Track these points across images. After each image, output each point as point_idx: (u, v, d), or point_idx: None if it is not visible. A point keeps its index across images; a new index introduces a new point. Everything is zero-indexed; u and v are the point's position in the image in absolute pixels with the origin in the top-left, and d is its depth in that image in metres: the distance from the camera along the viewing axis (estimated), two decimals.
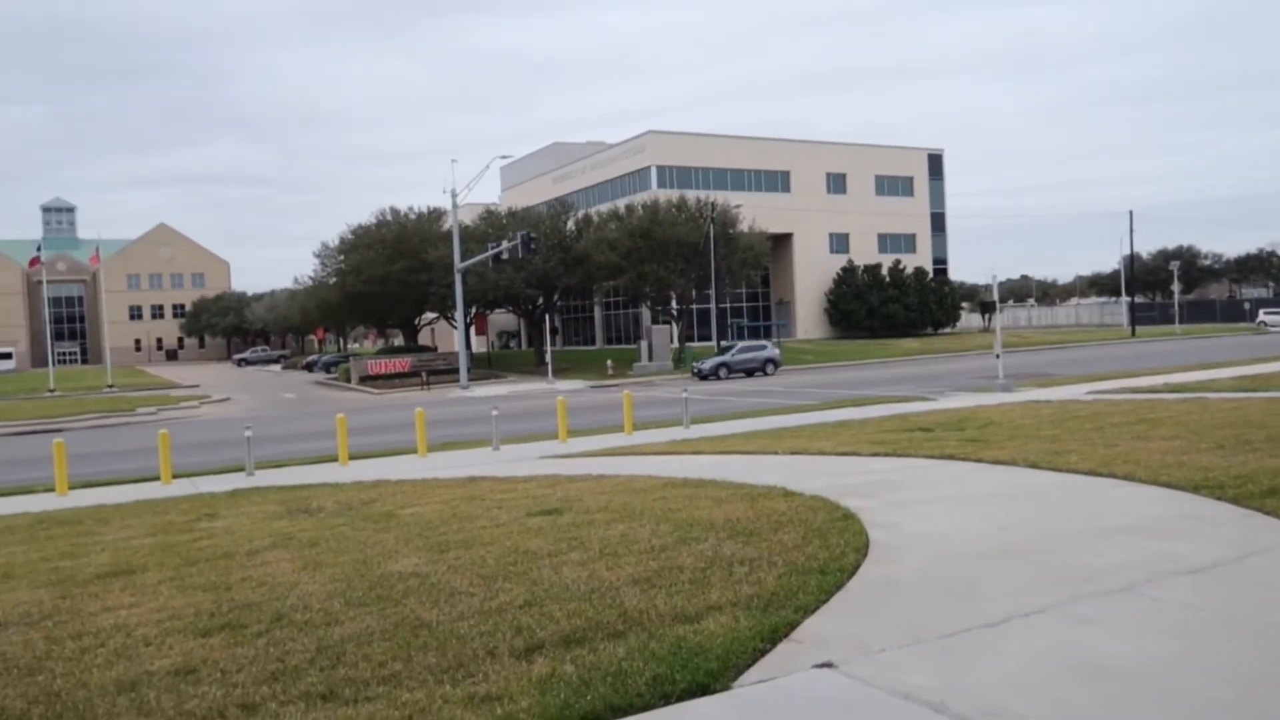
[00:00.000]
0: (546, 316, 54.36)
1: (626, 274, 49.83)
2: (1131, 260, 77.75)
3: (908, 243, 75.74)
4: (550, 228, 53.60)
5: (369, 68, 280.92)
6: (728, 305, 62.22)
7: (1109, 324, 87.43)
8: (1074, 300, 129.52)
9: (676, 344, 53.88)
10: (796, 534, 8.61)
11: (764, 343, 45.67)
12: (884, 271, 69.60)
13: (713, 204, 51.13)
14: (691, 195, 53.53)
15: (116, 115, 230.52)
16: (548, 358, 48.30)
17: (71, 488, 15.87)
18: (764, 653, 5.71)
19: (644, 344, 50.28)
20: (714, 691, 5.21)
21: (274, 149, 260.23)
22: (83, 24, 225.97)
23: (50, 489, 15.94)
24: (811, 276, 70.97)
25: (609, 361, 49.00)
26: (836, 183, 72.94)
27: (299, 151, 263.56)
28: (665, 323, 54.39)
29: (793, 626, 6.12)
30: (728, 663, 5.51)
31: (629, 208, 53.16)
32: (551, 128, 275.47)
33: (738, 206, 53.52)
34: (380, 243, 55.46)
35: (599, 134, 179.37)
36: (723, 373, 42.06)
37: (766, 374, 42.60)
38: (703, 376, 41.93)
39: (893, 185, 75.43)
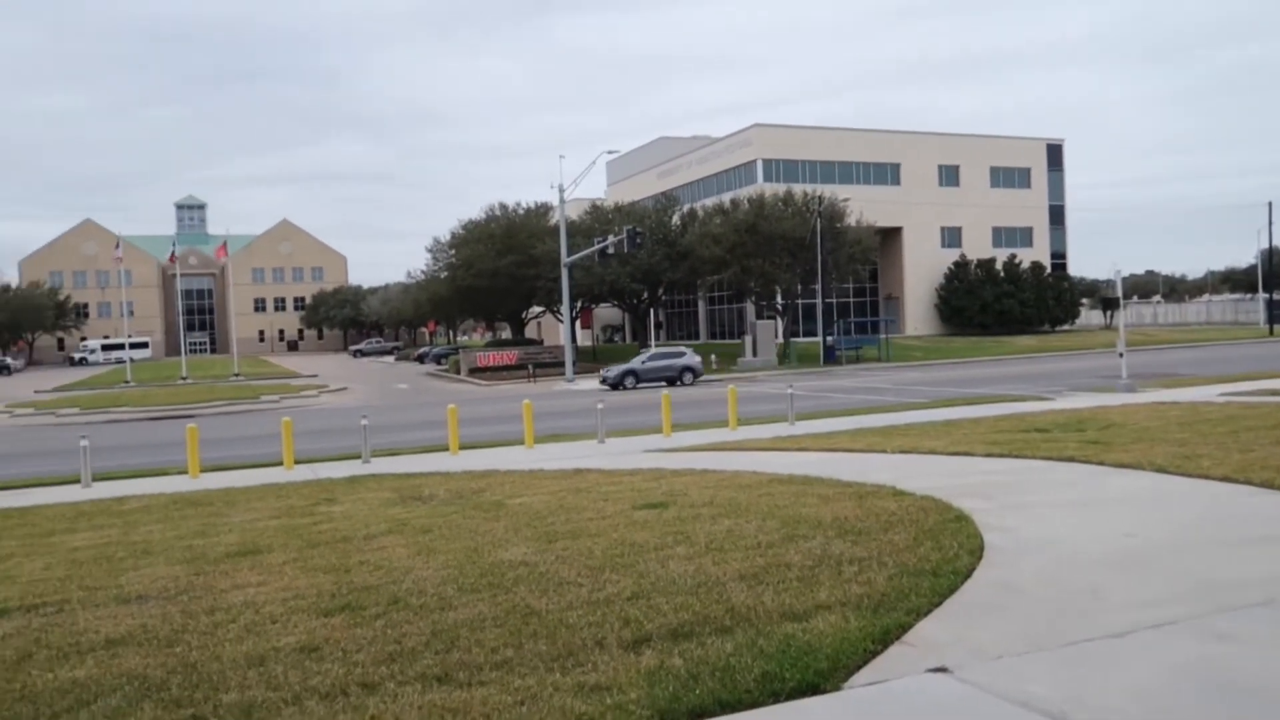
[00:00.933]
0: (651, 311, 54.60)
1: (731, 268, 49.59)
2: (1270, 254, 73.06)
3: (1024, 236, 73.09)
4: (655, 222, 53.76)
5: (479, 67, 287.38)
6: (834, 300, 61.27)
7: (1243, 322, 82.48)
8: (1205, 297, 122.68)
9: (781, 339, 53.37)
10: (907, 534, 8.43)
11: (682, 349, 41.83)
12: (998, 266, 67.35)
13: (820, 197, 50.41)
14: (798, 189, 52.89)
15: (244, 117, 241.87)
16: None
17: (202, 470, 16.75)
18: (875, 654, 5.61)
19: (748, 339, 49.97)
20: (824, 691, 5.14)
21: (389, 148, 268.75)
22: (213, 29, 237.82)
23: (183, 471, 16.85)
24: (922, 271, 69.25)
25: (713, 356, 48.88)
26: (949, 175, 70.92)
27: (413, 150, 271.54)
28: (770, 318, 53.94)
29: (905, 629, 5.99)
30: (838, 663, 5.43)
31: (734, 202, 52.87)
32: (656, 122, 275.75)
33: (845, 200, 52.63)
34: (489, 237, 56.63)
35: (704, 128, 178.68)
36: (629, 382, 38.28)
37: (684, 383, 38.50)
38: (611, 386, 38.30)
39: (1009, 177, 72.85)
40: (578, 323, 58.82)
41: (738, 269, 49.37)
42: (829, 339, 50.28)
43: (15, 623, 7.24)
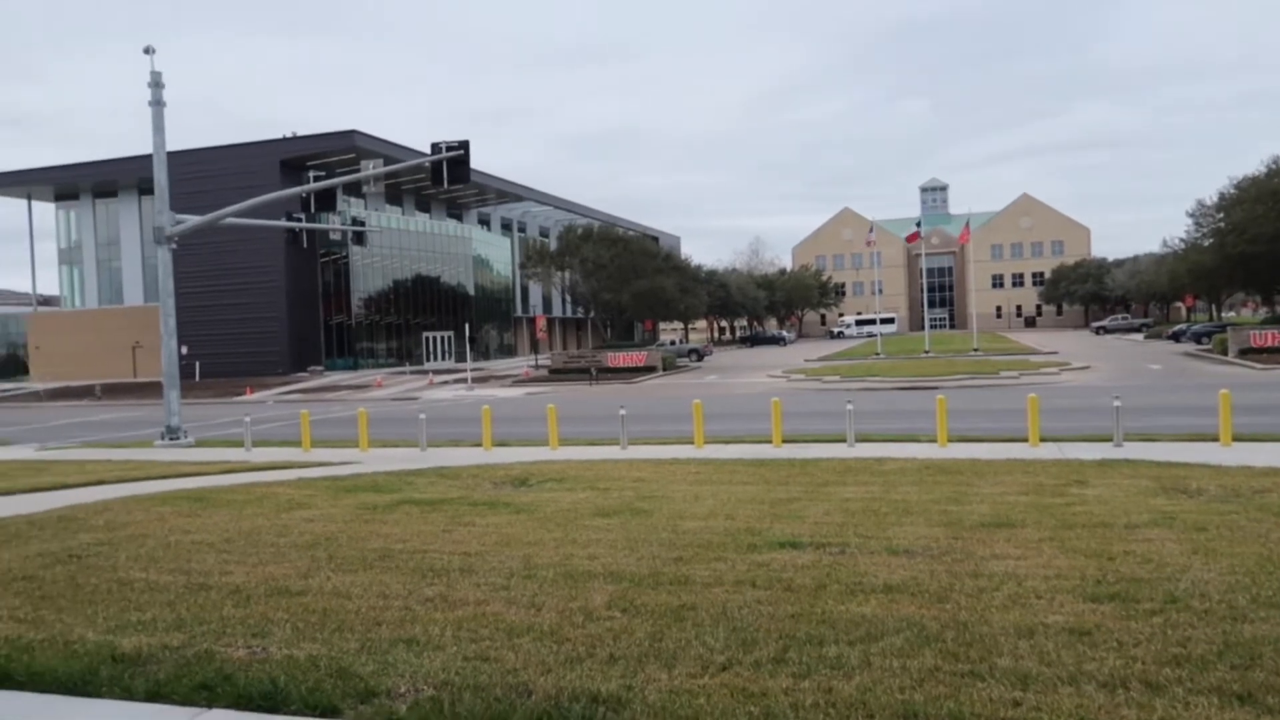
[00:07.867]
0: None
1: None
2: None
3: None
4: None
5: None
6: None
7: None
8: None
9: None
10: None
11: None
12: None
13: None
14: None
15: (983, 98, 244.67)
16: None
17: (949, 440, 17.45)
18: None
19: None
20: None
21: (1140, 108, 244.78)
22: (952, 21, 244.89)
23: (932, 439, 17.76)
24: None
25: None
26: None
27: (1170, 107, 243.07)
28: None
29: None
30: None
31: None
32: None
33: None
34: (1270, 195, 48.11)
35: None
36: None
37: None
38: None
39: None
40: None
41: None
42: None
43: (809, 556, 8.43)
